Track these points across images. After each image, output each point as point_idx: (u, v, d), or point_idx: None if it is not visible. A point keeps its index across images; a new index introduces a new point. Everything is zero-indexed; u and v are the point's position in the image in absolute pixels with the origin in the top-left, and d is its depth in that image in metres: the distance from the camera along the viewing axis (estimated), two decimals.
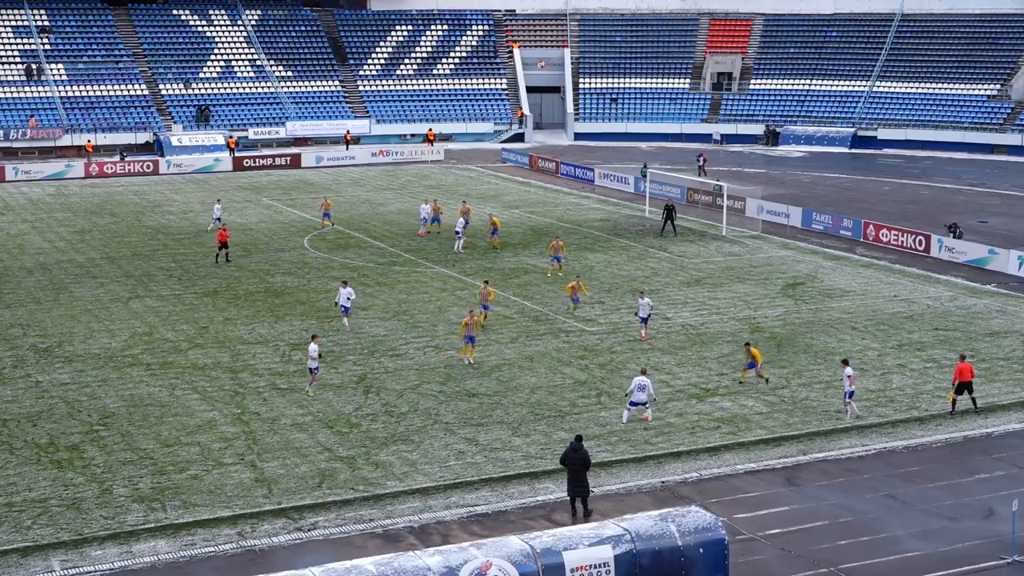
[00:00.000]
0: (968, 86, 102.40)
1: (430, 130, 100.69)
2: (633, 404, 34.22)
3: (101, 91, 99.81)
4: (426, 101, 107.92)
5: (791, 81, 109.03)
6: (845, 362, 35.30)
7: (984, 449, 32.81)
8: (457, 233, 58.10)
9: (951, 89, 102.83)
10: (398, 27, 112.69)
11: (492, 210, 66.76)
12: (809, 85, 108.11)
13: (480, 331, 41.36)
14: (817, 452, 32.34)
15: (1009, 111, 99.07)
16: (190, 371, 38.76)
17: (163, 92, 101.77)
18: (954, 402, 35.23)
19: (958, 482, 30.46)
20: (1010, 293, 50.27)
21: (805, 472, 31.11)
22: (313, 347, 36.39)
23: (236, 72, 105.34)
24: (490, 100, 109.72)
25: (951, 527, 27.79)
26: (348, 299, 43.70)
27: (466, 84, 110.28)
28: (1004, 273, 53.63)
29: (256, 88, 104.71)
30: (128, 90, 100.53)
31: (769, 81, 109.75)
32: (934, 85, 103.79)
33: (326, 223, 64.19)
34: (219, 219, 63.58)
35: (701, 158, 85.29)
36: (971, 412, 35.15)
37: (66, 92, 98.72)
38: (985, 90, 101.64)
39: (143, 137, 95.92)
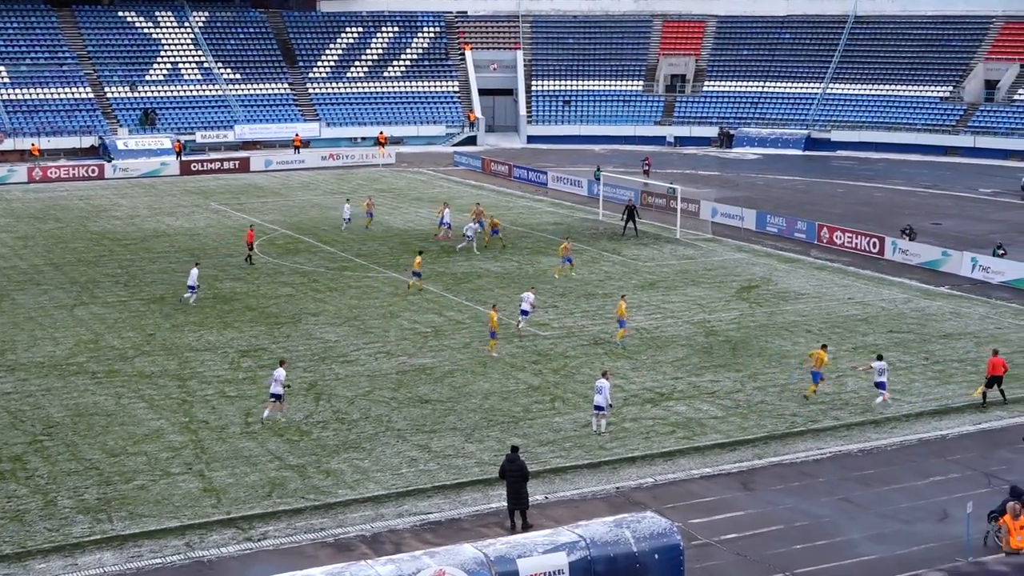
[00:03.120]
0: (921, 88, 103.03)
1: (381, 133, 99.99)
2: (596, 408, 33.65)
3: (44, 94, 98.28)
4: (377, 104, 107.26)
5: (745, 83, 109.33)
6: (879, 357, 36.18)
7: (938, 452, 32.80)
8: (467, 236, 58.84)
9: (904, 91, 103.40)
10: (348, 29, 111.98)
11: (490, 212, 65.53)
12: (763, 87, 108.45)
13: (418, 293, 49.02)
14: (772, 456, 32.21)
15: (962, 113, 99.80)
16: (136, 379, 38.06)
17: (108, 95, 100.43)
18: (984, 395, 35.71)
19: (913, 485, 30.42)
20: (963, 295, 50.43)
21: (760, 476, 30.96)
22: (280, 372, 34.12)
23: (183, 75, 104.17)
24: (442, 103, 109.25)
25: (906, 530, 27.73)
26: (193, 281, 47.57)
27: (417, 87, 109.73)
28: (957, 275, 53.83)
29: (203, 91, 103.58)
30: (72, 93, 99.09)
31: (723, 83, 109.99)
32: (887, 87, 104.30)
33: (442, 230, 61.71)
34: (349, 220, 63.87)
35: (645, 162, 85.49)
36: (928, 411, 35.29)
37: (8, 95, 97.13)
38: (938, 92, 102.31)
39: (88, 141, 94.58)
